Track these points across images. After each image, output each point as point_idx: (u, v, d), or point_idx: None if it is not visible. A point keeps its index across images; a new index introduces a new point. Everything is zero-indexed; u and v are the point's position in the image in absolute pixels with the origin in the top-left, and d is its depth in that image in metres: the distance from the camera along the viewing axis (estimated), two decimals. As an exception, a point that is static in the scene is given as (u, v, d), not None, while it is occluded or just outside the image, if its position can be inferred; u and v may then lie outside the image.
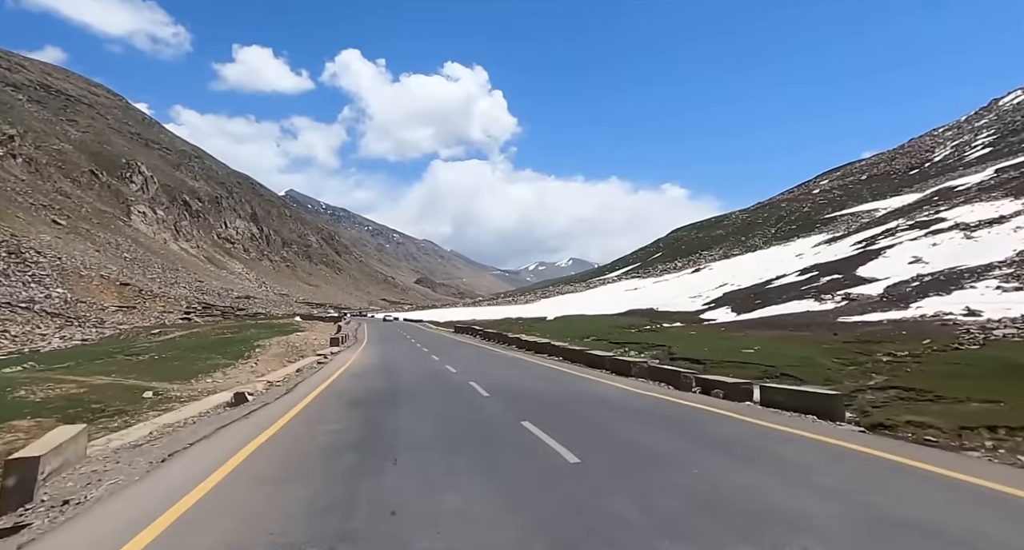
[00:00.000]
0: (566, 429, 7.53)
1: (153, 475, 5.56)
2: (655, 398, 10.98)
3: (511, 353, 23.52)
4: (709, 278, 54.67)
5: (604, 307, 50.44)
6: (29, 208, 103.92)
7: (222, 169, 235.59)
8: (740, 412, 9.12)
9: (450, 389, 12.31)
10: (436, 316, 69.55)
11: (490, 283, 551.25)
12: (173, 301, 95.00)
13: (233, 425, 8.23)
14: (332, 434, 7.44)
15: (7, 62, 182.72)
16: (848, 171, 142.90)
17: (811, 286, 34.53)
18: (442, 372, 16.24)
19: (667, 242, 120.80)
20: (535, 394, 11.31)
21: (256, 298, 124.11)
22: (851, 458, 6.06)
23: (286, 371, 15.68)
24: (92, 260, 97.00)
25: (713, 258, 73.84)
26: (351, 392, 11.85)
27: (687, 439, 7.03)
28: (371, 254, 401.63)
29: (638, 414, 9.05)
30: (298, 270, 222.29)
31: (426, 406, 9.99)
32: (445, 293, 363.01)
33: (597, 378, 14.54)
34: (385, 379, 14.48)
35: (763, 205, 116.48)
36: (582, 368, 17.41)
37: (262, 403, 10.45)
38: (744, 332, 21.28)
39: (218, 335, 28.71)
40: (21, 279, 78.78)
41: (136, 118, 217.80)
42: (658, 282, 65.02)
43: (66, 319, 63.00)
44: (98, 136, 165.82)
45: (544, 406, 9.77)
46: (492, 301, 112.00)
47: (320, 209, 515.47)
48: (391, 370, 16.97)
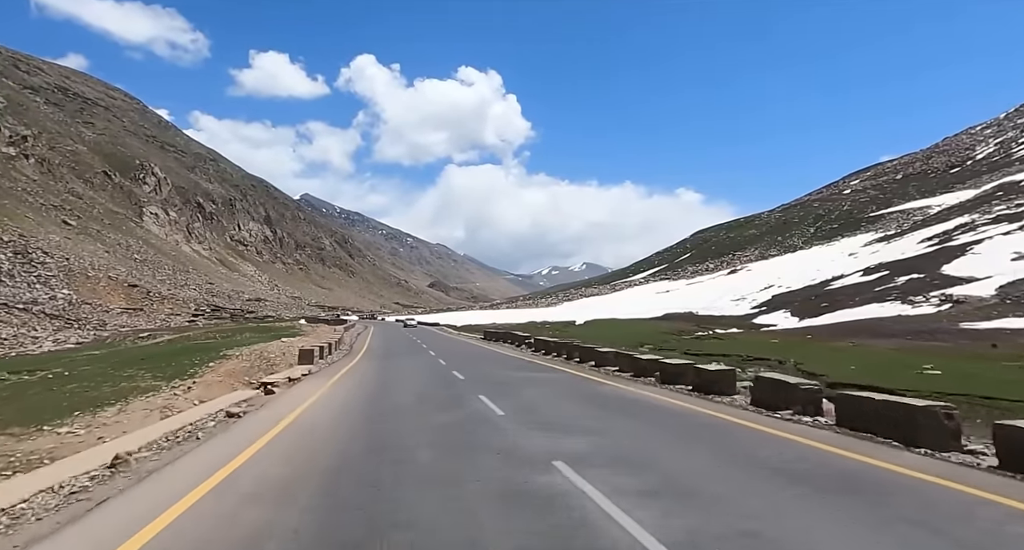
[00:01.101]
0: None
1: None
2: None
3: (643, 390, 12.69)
4: (749, 279, 50.10)
5: (636, 311, 46.18)
6: (40, 208, 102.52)
7: (237, 172, 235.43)
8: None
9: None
10: (452, 319, 65.51)
11: (503, 287, 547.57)
12: (182, 303, 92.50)
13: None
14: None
15: (26, 65, 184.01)
16: (880, 171, 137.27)
17: (887, 287, 29.92)
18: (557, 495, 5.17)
19: (694, 243, 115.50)
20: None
21: (267, 301, 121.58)
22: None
23: (165, 427, 8.62)
24: (101, 261, 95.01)
25: (749, 259, 69.19)
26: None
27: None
28: (384, 258, 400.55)
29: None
30: (311, 273, 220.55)
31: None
32: (458, 297, 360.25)
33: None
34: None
35: (793, 205, 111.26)
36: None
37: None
38: (849, 341, 16.89)
39: (200, 340, 25.09)
40: (26, 280, 76.66)
41: (152, 121, 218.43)
42: (691, 284, 60.54)
43: (65, 321, 60.33)
44: (113, 138, 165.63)
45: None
46: (510, 304, 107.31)
47: (334, 213, 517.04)
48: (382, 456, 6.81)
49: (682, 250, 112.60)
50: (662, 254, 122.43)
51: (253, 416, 9.47)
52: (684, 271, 79.01)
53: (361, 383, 12.48)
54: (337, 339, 23.52)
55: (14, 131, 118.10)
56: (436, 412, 9.42)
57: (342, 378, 13.40)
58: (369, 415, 9.39)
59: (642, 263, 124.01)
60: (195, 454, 6.80)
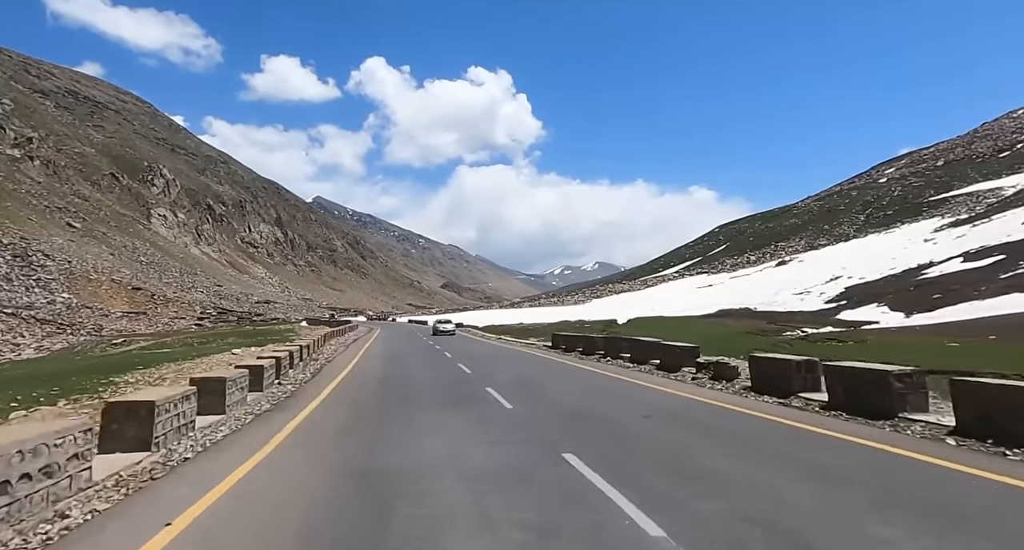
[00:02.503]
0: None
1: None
2: None
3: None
4: (805, 271, 44.43)
5: (681, 307, 40.79)
6: (43, 210, 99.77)
7: (248, 174, 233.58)
8: None
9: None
10: (472, 319, 60.08)
11: (515, 287, 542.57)
12: (187, 306, 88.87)
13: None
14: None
15: (36, 70, 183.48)
16: (916, 158, 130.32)
17: (1017, 273, 24.18)
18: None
19: (727, 235, 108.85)
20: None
21: (277, 303, 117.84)
22: None
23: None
24: (105, 264, 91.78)
25: (795, 249, 63.33)
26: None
27: None
28: (397, 259, 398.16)
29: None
30: (323, 275, 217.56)
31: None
32: (471, 297, 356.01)
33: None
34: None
35: (828, 194, 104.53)
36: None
37: None
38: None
39: (163, 350, 20.35)
40: (24, 283, 73.33)
41: (163, 124, 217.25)
42: (736, 278, 54.86)
43: (57, 326, 56.42)
44: (123, 141, 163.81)
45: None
46: (532, 302, 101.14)
47: (346, 215, 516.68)
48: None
49: (714, 242, 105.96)
50: (692, 247, 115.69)
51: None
52: (721, 264, 72.86)
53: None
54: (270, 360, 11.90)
55: (20, 133, 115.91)
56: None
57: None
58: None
59: (671, 256, 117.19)
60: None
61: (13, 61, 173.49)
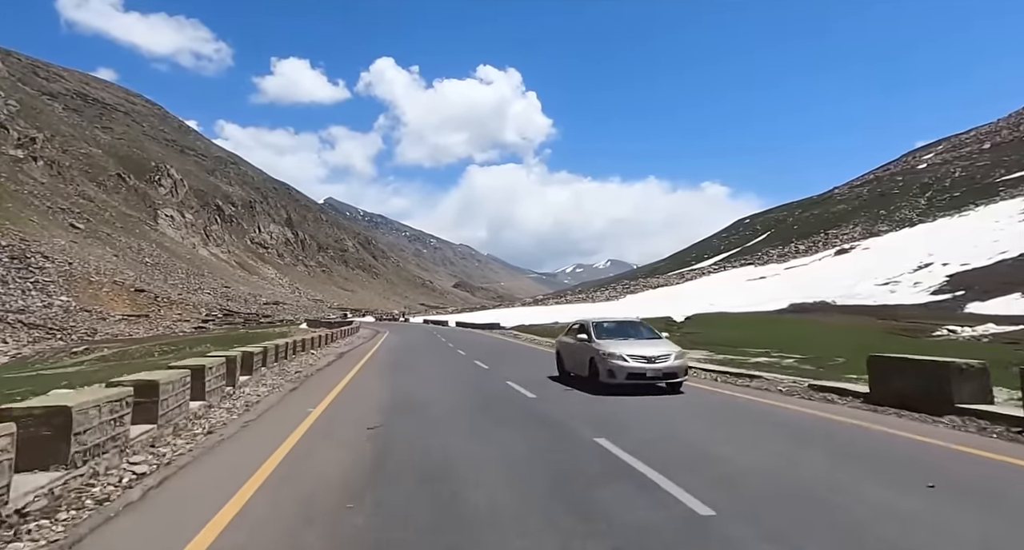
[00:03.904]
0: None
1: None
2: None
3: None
4: (878, 259, 38.87)
5: (736, 303, 35.50)
6: (46, 211, 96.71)
7: (258, 175, 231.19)
8: None
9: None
10: (495, 318, 54.07)
11: (527, 286, 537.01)
12: (192, 308, 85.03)
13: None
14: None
15: (45, 72, 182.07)
16: (957, 142, 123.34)
17: None
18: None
19: (765, 224, 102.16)
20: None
21: (286, 304, 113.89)
22: None
23: None
24: (108, 265, 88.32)
25: (851, 236, 57.53)
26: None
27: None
28: (408, 259, 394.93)
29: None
30: (334, 275, 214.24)
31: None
32: (484, 297, 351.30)
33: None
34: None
35: (866, 181, 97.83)
36: None
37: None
38: None
39: (126, 359, 15.71)
40: (21, 286, 69.70)
41: (173, 126, 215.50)
42: (791, 268, 49.27)
43: (47, 330, 52.42)
44: (131, 142, 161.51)
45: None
46: (559, 299, 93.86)
47: (358, 216, 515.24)
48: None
49: (750, 232, 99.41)
50: (725, 238, 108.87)
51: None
52: (767, 255, 66.87)
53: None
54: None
55: (24, 134, 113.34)
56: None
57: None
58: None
59: (702, 248, 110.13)
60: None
61: (22, 64, 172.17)
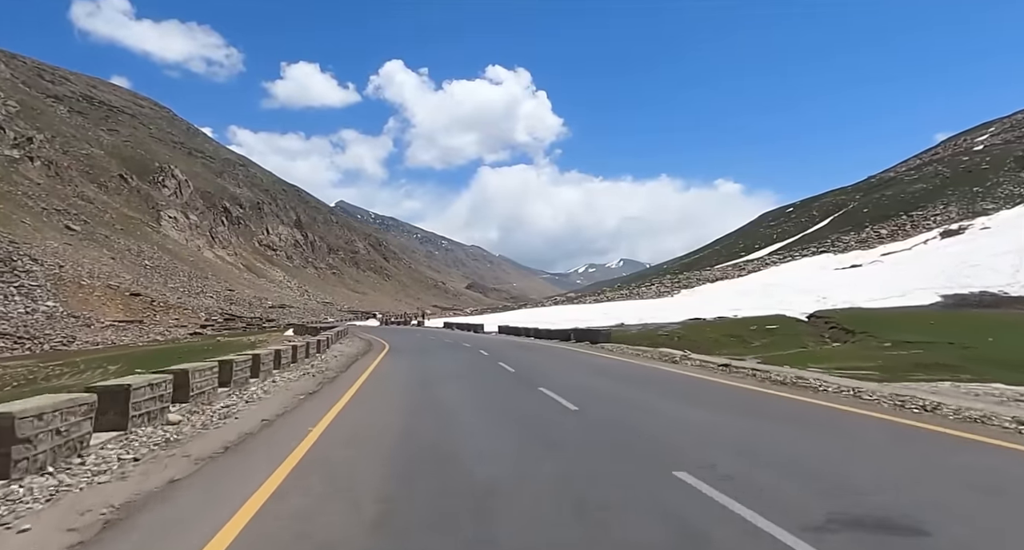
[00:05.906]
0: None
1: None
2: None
3: None
4: (1013, 240, 31.69)
5: (859, 296, 28.55)
6: (40, 213, 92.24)
7: (267, 177, 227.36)
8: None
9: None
10: (518, 319, 46.38)
11: (540, 287, 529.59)
12: (191, 312, 79.68)
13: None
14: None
15: (51, 75, 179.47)
16: (1012, 122, 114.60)
17: None
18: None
19: (822, 209, 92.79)
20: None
21: (293, 307, 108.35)
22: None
23: None
24: (104, 268, 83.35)
25: (947, 218, 50.25)
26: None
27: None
28: (420, 261, 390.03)
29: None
30: (344, 277, 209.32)
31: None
32: (497, 298, 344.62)
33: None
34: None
35: (922, 164, 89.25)
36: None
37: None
38: None
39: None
40: (3, 292, 64.63)
41: (180, 128, 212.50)
42: (890, 254, 42.04)
43: (16, 339, 47.02)
44: (136, 143, 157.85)
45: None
46: (597, 297, 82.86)
47: (369, 219, 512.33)
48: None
49: (807, 218, 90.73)
50: (773, 227, 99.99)
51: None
52: (843, 242, 58.79)
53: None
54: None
55: (21, 134, 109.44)
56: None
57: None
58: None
59: (750, 238, 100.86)
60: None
61: (27, 66, 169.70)
